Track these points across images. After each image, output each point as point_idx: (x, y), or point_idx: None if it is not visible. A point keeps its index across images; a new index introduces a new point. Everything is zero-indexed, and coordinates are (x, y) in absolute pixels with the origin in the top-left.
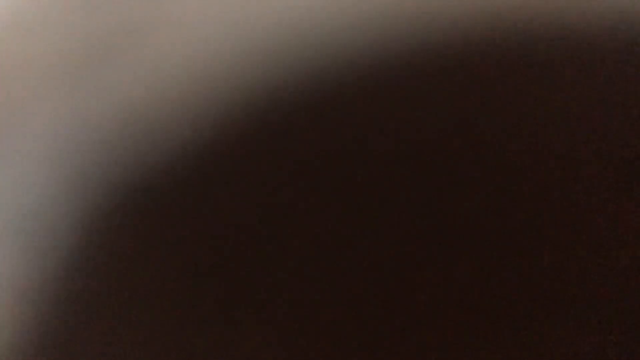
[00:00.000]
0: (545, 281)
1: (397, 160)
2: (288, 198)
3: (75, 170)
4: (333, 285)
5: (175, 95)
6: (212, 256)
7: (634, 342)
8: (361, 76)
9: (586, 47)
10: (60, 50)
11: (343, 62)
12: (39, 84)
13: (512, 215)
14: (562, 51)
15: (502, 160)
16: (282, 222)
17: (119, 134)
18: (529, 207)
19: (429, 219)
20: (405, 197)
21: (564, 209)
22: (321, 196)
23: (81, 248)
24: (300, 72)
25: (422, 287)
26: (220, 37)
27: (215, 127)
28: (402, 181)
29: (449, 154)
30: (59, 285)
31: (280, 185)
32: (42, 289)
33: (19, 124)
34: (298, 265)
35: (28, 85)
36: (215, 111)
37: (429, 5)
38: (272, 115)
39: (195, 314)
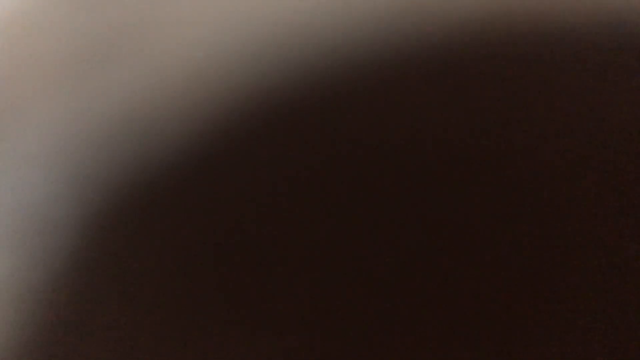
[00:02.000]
0: (544, 281)
1: (397, 160)
2: (288, 197)
3: (76, 170)
4: (334, 285)
5: (176, 95)
6: (213, 256)
7: (634, 342)
8: (361, 76)
9: (586, 47)
10: (61, 50)
11: (343, 61)
12: (40, 84)
13: (512, 214)
14: (562, 51)
15: (502, 160)
16: (283, 222)
17: (119, 133)
18: (529, 206)
19: (429, 219)
20: (405, 196)
21: (564, 208)
22: (321, 196)
23: (81, 248)
24: (300, 72)
25: (423, 287)
26: (221, 36)
27: (216, 126)
28: (403, 181)
29: (449, 153)
30: (59, 285)
31: (281, 185)
32: (42, 289)
33: (19, 124)
34: (298, 265)
35: (28, 86)
36: (216, 111)
37: (429, 5)
38: (272, 115)
39: (195, 314)
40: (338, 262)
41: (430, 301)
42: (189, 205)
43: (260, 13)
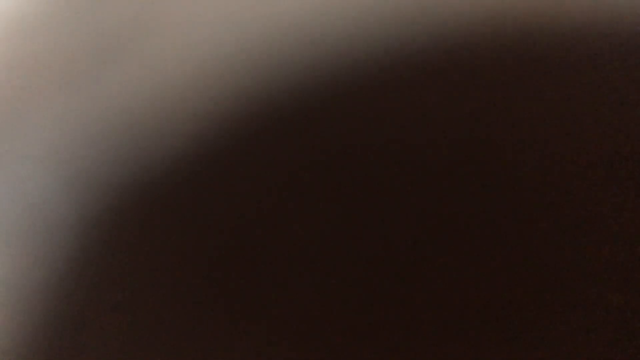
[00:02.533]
0: (544, 281)
1: (397, 161)
2: (288, 198)
3: (76, 170)
4: (334, 285)
5: (176, 96)
6: (213, 256)
7: (634, 342)
8: (361, 76)
9: (586, 47)
10: (62, 50)
11: (343, 62)
12: (40, 84)
13: (512, 215)
14: (562, 51)
15: (502, 160)
16: (283, 222)
17: (119, 134)
18: (529, 206)
19: (429, 219)
20: (405, 197)
21: (564, 208)
22: (322, 196)
23: (81, 248)
24: (301, 72)
25: (423, 287)
26: (222, 37)
27: (216, 127)
28: (403, 181)
29: (449, 154)
30: (59, 285)
31: (281, 185)
32: (43, 289)
33: (20, 124)
34: (298, 265)
35: (29, 86)
36: (216, 111)
37: (429, 5)
38: (272, 115)
39: (196, 314)
40: (339, 262)
41: (431, 302)
42: (189, 206)
43: (261, 13)
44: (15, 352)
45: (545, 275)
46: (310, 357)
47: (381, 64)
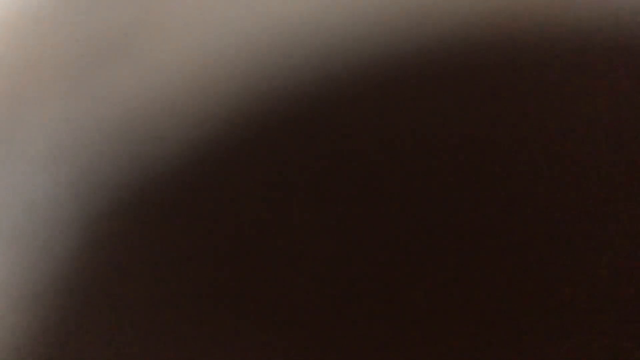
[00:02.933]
0: (544, 281)
1: (397, 161)
2: (288, 198)
3: (77, 170)
4: (333, 286)
5: (177, 96)
6: (213, 256)
7: (634, 342)
8: (362, 77)
9: (585, 47)
10: (62, 50)
11: (343, 62)
12: (40, 84)
13: (512, 215)
14: (563, 51)
15: (502, 160)
16: (283, 222)
17: (120, 134)
18: (529, 207)
19: (429, 220)
20: (406, 197)
21: (564, 208)
22: (321, 196)
23: (82, 249)
24: (301, 72)
25: (423, 288)
26: (223, 38)
27: (217, 127)
28: (403, 182)
29: (449, 154)
30: (59, 285)
31: (281, 185)
32: (42, 290)
33: (20, 124)
34: (298, 266)
35: (29, 86)
36: (217, 112)
37: (429, 5)
38: (273, 116)
39: (196, 315)
40: (339, 262)
41: (431, 302)
42: (189, 206)
43: (262, 13)
44: (16, 352)
45: (545, 275)
46: (311, 357)
47: (380, 65)
